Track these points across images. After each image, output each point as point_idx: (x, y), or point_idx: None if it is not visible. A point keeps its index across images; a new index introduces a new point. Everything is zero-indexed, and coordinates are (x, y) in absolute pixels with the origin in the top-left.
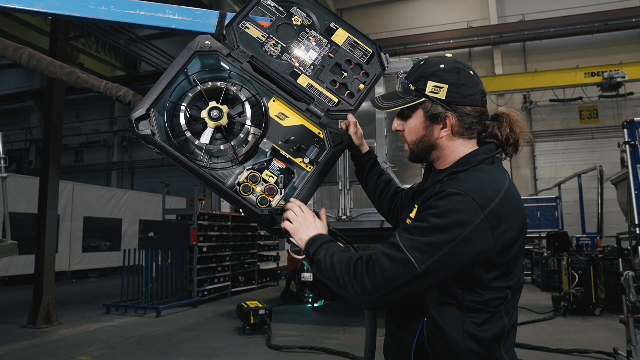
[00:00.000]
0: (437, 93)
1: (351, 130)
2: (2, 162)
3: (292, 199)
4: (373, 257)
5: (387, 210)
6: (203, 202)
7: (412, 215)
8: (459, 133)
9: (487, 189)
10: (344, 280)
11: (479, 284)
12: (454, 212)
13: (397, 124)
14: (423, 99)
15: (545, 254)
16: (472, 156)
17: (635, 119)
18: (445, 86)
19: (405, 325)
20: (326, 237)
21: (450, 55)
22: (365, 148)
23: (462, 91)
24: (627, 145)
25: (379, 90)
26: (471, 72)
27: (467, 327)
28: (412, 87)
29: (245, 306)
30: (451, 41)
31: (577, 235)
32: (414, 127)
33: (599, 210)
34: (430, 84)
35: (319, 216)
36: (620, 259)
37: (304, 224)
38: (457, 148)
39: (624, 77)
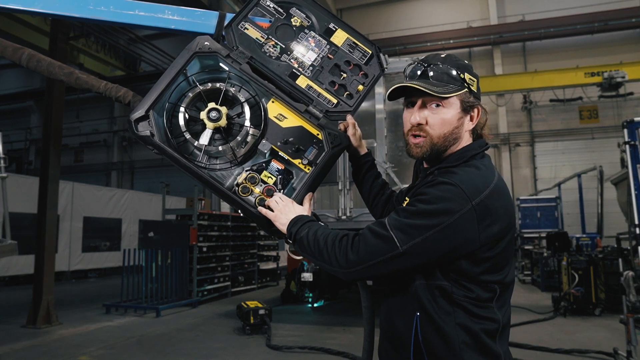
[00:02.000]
0: (472, 85)
1: (350, 132)
2: (2, 162)
3: (274, 194)
4: (360, 232)
5: (379, 214)
6: (203, 202)
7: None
8: (477, 126)
9: (478, 181)
10: (328, 253)
11: (467, 278)
12: (442, 200)
13: (420, 116)
14: (466, 89)
15: (545, 254)
16: (463, 152)
17: (635, 119)
18: (476, 80)
19: (399, 324)
20: (307, 217)
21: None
22: (363, 150)
23: (480, 87)
24: (627, 145)
25: (380, 90)
26: None
27: (459, 320)
28: (462, 76)
29: (245, 306)
30: (451, 41)
31: (577, 235)
32: (449, 118)
33: (599, 210)
34: (467, 75)
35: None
36: (620, 259)
37: (284, 209)
38: (466, 142)
39: (624, 77)
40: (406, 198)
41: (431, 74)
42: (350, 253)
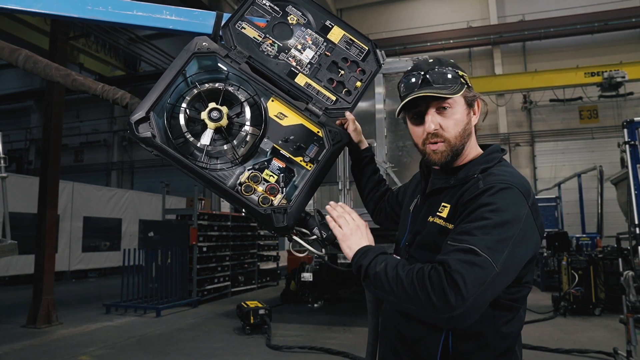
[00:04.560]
0: (467, 80)
1: (350, 128)
2: (2, 162)
3: (341, 204)
4: (448, 268)
5: (372, 209)
6: (203, 202)
7: (444, 214)
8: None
9: (523, 181)
10: (418, 294)
11: (515, 281)
12: (512, 206)
13: (434, 124)
14: (465, 84)
15: (545, 254)
16: (492, 153)
17: (635, 119)
18: (467, 75)
19: (422, 325)
20: (380, 249)
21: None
22: (364, 145)
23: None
24: (627, 145)
25: (380, 90)
26: None
27: (497, 325)
28: (459, 73)
29: (245, 306)
30: (451, 41)
31: (577, 235)
32: (460, 117)
33: (599, 210)
34: (459, 72)
35: None
36: (620, 259)
37: (356, 232)
38: (474, 136)
39: (624, 77)
40: (443, 204)
41: (432, 79)
42: (448, 291)
